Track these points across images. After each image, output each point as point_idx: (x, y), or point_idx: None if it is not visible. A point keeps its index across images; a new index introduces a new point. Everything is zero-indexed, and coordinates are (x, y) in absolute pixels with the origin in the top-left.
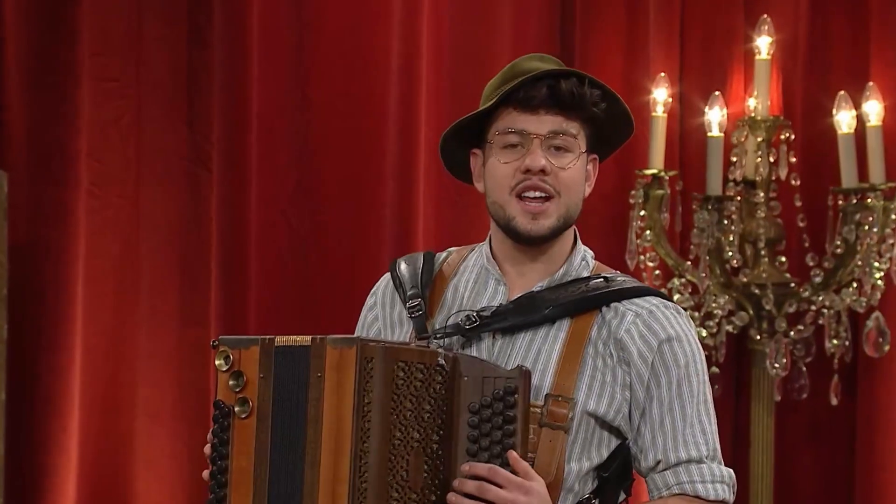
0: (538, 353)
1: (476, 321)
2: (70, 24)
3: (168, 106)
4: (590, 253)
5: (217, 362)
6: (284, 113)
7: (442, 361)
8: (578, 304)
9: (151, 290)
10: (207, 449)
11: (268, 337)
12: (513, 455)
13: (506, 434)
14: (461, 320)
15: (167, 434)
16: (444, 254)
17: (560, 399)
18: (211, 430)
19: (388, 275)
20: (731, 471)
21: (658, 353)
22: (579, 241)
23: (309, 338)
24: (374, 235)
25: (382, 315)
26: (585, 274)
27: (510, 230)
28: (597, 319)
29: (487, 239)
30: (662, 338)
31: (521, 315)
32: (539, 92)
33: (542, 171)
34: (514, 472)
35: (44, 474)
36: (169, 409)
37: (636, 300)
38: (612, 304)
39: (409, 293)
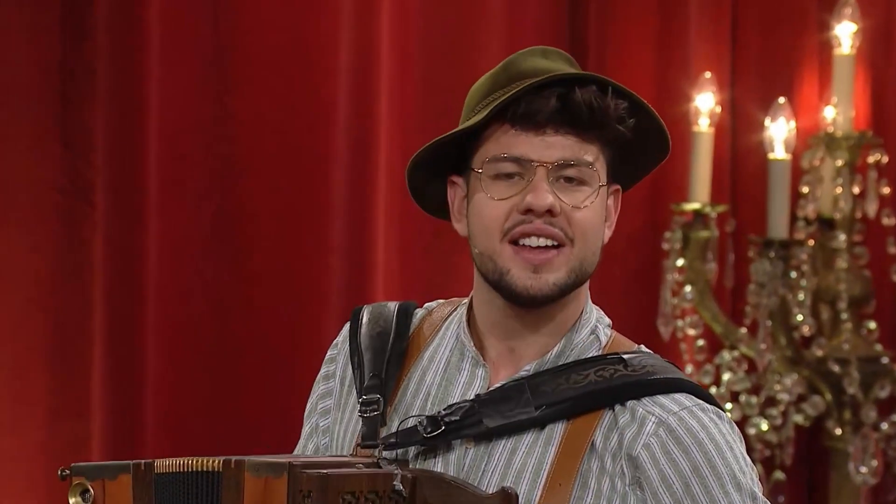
0: (522, 467)
1: (441, 427)
2: None
3: (35, 118)
4: (605, 321)
5: (72, 501)
6: (196, 127)
7: (399, 486)
8: (583, 402)
9: (12, 369)
10: None
11: (143, 462)
12: None
13: None
14: (420, 424)
15: None
16: (422, 311)
17: None
18: None
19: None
20: None
21: (696, 478)
22: (590, 305)
23: (219, 460)
24: (318, 293)
25: (339, 392)
26: (593, 352)
27: (503, 287)
28: (604, 419)
29: (469, 298)
30: (699, 460)
31: (502, 416)
32: (546, 105)
33: (550, 212)
34: None
35: None
36: None
37: (660, 398)
38: (629, 403)
39: (367, 382)
